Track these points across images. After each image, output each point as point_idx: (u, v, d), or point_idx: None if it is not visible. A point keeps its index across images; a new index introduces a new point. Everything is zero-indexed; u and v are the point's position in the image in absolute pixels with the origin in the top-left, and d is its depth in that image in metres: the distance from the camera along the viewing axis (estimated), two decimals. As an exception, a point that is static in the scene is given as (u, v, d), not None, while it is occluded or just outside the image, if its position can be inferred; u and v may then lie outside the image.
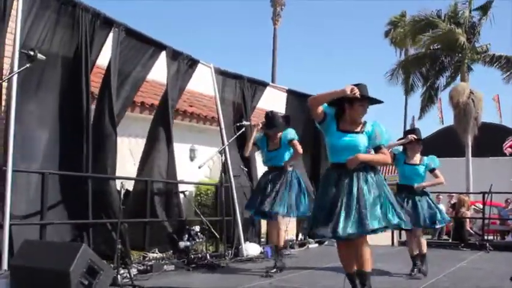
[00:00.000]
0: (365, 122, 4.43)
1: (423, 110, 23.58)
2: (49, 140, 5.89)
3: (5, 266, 4.94)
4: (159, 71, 7.50)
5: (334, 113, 4.37)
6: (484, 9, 21.54)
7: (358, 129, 4.38)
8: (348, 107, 4.31)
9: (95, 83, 6.88)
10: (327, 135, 4.43)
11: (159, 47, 7.29)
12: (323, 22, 70.27)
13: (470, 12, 21.69)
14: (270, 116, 6.53)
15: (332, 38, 70.53)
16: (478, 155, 20.99)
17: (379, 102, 4.48)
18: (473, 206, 14.47)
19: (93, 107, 6.42)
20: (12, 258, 4.90)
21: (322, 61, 68.27)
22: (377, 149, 4.43)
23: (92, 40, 6.25)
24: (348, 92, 4.13)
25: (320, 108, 4.31)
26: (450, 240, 12.19)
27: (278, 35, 32.72)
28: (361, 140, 4.34)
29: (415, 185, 6.48)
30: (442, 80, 23.24)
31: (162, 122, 7.55)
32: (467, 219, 12.75)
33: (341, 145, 4.31)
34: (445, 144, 22.73)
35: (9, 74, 5.35)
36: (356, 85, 4.27)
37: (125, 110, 7.02)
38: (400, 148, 6.68)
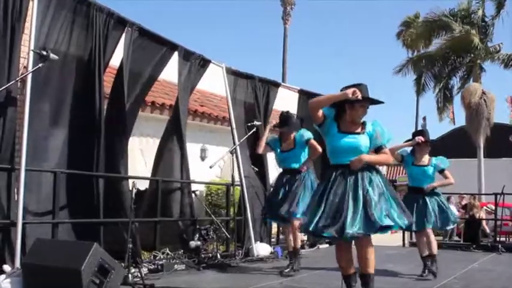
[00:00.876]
0: (364, 122, 4.38)
1: (441, 111, 23.22)
2: (62, 140, 5.91)
3: (17, 264, 4.97)
4: (170, 70, 7.51)
5: (334, 114, 4.32)
6: (498, 5, 21.23)
7: (359, 130, 4.33)
8: (349, 108, 4.26)
9: (106, 83, 6.90)
10: (327, 137, 4.37)
11: (171, 46, 7.30)
12: (333, 21, 70.14)
13: (483, 11, 21.49)
14: (285, 116, 6.51)
15: (343, 37, 70.40)
16: (490, 156, 20.81)
17: (380, 102, 4.44)
18: (485, 208, 14.37)
19: (105, 107, 6.44)
20: (24, 256, 4.93)
21: (332, 60, 68.12)
22: (378, 149, 4.38)
23: (106, 40, 6.26)
24: (350, 96, 4.07)
25: (320, 112, 4.27)
26: (461, 242, 12.13)
27: (288, 35, 32.70)
28: (363, 140, 4.30)
29: (425, 187, 6.47)
30: (455, 81, 23.07)
31: (176, 123, 7.55)
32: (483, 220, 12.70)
33: (343, 147, 4.26)
34: (456, 145, 22.58)
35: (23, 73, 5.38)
36: (356, 85, 4.22)
37: (137, 109, 7.03)
38: (409, 149, 6.66)
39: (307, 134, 6.43)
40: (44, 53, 5.10)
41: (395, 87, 66.67)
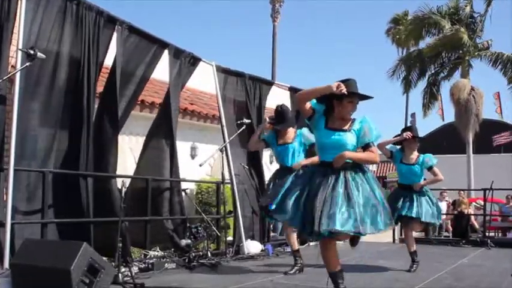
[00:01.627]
0: (353, 119, 4.31)
1: (426, 107, 23.39)
2: (51, 139, 5.86)
3: (6, 265, 4.94)
4: (160, 69, 7.46)
5: (323, 109, 4.26)
6: (488, 2, 21.37)
7: (347, 127, 4.26)
8: (337, 103, 4.19)
9: (101, 82, 6.84)
10: (315, 132, 4.36)
11: (162, 45, 7.24)
12: (322, 18, 70.21)
13: (471, 7, 21.63)
14: (280, 111, 6.29)
15: (332, 35, 70.51)
16: (479, 152, 20.96)
17: (369, 97, 4.35)
18: (474, 203, 14.47)
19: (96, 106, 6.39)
20: (13, 257, 4.90)
21: (322, 58, 68.17)
22: (365, 147, 4.30)
23: (97, 39, 6.21)
24: (334, 89, 3.99)
25: (308, 104, 4.22)
26: (451, 237, 12.20)
27: (278, 32, 32.54)
28: (350, 138, 4.22)
29: (414, 185, 6.52)
30: (442, 77, 23.18)
31: (166, 121, 7.50)
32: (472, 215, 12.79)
33: (329, 143, 4.22)
34: (446, 141, 22.73)
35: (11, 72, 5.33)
36: (345, 81, 4.14)
37: (130, 109, 6.95)
38: (398, 145, 6.71)
39: (309, 139, 6.14)
40: (32, 52, 5.06)
41: (386, 85, 66.94)
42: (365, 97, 4.34)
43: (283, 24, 59.50)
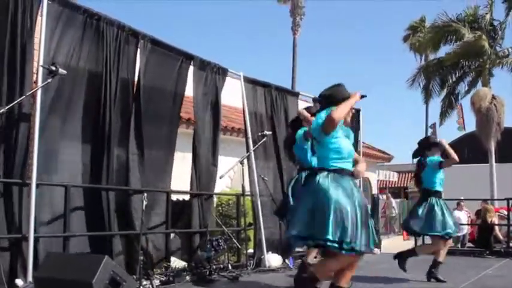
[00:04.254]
0: None
1: (443, 116, 23.28)
2: (73, 154, 5.92)
3: (29, 278, 4.99)
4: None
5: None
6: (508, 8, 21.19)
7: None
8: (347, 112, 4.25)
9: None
10: (330, 139, 4.11)
11: (187, 57, 7.24)
12: (343, 30, 70.16)
13: (491, 15, 21.47)
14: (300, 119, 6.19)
15: (351, 44, 70.38)
16: (502, 161, 20.67)
17: (363, 96, 4.35)
18: (497, 213, 14.24)
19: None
20: (36, 270, 4.96)
21: (343, 69, 67.91)
22: None
23: (119, 53, 6.26)
24: (359, 99, 4.21)
25: None
26: (474, 248, 12.02)
27: (298, 45, 32.52)
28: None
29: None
30: (462, 86, 23.02)
31: (203, 135, 7.61)
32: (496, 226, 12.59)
33: (348, 151, 4.17)
34: (468, 150, 22.48)
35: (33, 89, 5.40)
36: (337, 86, 4.28)
37: (174, 127, 7.09)
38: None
39: None
40: (53, 68, 5.11)
41: (405, 94, 66.48)
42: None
43: (305, 37, 59.56)
